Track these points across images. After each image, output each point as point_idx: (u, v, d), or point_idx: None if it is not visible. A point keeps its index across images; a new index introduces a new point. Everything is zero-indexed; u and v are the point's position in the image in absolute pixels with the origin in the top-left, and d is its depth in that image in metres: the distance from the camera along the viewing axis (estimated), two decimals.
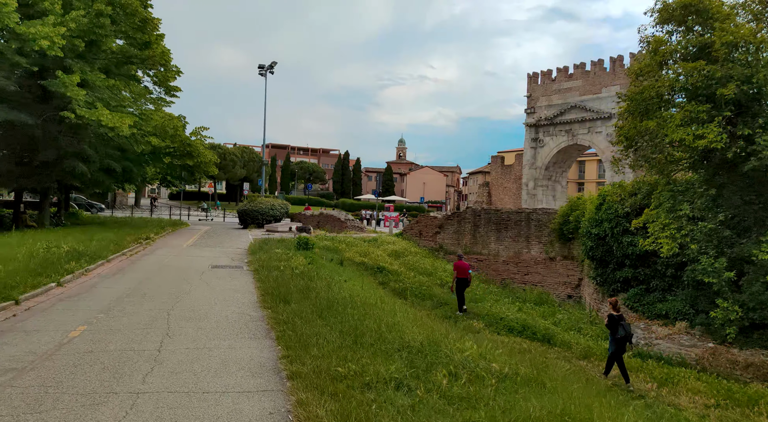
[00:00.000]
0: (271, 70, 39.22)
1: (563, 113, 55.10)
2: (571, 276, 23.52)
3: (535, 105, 57.62)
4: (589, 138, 53.80)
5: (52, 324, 9.45)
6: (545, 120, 56.18)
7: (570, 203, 24.02)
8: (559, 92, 56.21)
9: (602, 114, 51.97)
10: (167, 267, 17.24)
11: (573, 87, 55.16)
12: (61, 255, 16.04)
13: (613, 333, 13.20)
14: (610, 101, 51.98)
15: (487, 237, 26.46)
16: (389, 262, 24.70)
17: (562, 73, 56.27)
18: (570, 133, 54.88)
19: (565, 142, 55.29)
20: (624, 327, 13.12)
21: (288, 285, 13.88)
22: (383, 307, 13.12)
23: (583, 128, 53.89)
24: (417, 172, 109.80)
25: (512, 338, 17.96)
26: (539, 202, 56.09)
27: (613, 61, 52.35)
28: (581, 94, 54.36)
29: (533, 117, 57.51)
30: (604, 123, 52.38)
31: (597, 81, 53.49)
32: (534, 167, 57.25)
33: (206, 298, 12.65)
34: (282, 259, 18.83)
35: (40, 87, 26.70)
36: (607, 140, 52.28)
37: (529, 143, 57.64)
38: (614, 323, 13.15)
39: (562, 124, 55.24)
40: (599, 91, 53.06)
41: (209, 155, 31.66)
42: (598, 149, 53.59)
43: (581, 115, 53.75)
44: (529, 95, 58.36)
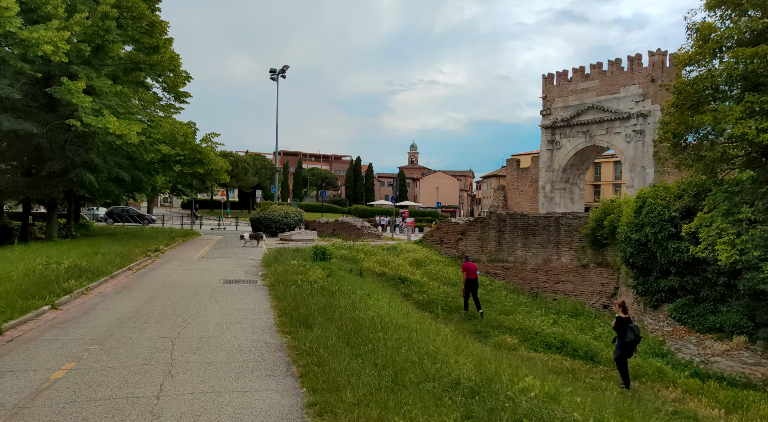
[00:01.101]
0: (282, 74, 37.76)
1: (580, 114, 53.33)
2: (607, 284, 21.74)
3: (551, 106, 55.86)
4: (607, 139, 51.97)
5: (34, 362, 7.88)
6: (561, 121, 54.41)
7: (603, 206, 22.25)
8: (575, 93, 54.44)
9: (621, 114, 50.15)
10: (175, 284, 15.69)
11: (590, 87, 53.38)
12: (61, 272, 14.53)
13: (622, 337, 12.72)
14: (629, 101, 50.23)
15: (514, 243, 24.72)
16: (411, 272, 23.06)
17: (578, 74, 54.52)
18: (587, 134, 53.09)
19: (583, 143, 53.49)
20: (633, 330, 12.66)
21: (308, 304, 12.27)
22: (416, 328, 11.47)
23: (601, 129, 52.09)
24: (430, 176, 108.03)
25: (551, 355, 16.25)
26: (557, 206, 54.27)
27: (630, 60, 50.55)
28: (598, 94, 52.57)
29: (549, 119, 55.75)
30: (623, 123, 50.56)
31: (614, 81, 51.68)
32: (551, 170, 55.44)
33: (217, 321, 11.06)
34: (299, 272, 17.26)
35: (46, 95, 25.43)
36: (626, 141, 50.49)
37: (546, 145, 55.86)
38: (623, 326, 12.67)
39: (579, 125, 53.47)
40: (617, 91, 51.24)
41: (220, 162, 30.18)
42: (617, 150, 51.73)
43: (599, 115, 51.95)
44: (545, 96, 56.60)
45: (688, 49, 15.75)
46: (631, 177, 50.25)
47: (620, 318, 12.88)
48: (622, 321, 12.81)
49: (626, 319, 12.85)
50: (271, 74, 38.04)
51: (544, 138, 56.09)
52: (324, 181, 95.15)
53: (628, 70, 50.76)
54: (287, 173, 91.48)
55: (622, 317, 12.85)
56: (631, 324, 12.83)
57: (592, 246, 22.46)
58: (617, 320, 12.92)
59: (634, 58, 50.44)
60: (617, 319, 12.94)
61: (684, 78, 16.01)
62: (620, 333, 12.85)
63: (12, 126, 23.44)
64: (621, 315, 12.90)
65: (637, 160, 49.61)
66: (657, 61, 48.90)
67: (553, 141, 55.50)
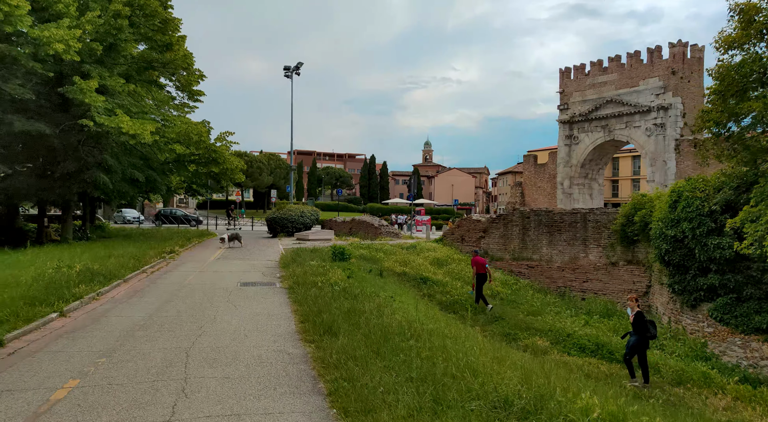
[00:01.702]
0: (297, 71, 36.97)
1: (598, 108, 51.97)
2: (638, 283, 20.68)
3: (569, 101, 54.56)
4: (626, 133, 50.57)
5: (35, 379, 7.09)
6: (579, 116, 53.09)
7: (633, 202, 21.17)
8: (593, 87, 53.11)
9: (640, 107, 48.73)
10: (190, 287, 14.92)
11: (608, 81, 52.02)
12: (72, 276, 13.82)
13: (644, 331, 12.42)
14: (649, 94, 48.81)
15: (538, 241, 23.70)
16: (432, 272, 22.14)
17: (596, 67, 53.16)
18: (606, 128, 51.72)
19: (602, 138, 52.13)
20: (653, 324, 12.56)
21: (330, 308, 11.42)
22: (448, 334, 10.58)
23: (620, 123, 50.70)
24: (445, 174, 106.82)
25: (586, 359, 15.26)
26: (575, 202, 52.99)
27: (650, 52, 49.12)
28: (617, 87, 51.19)
29: (567, 113, 54.45)
30: (643, 117, 49.14)
31: (634, 73, 50.27)
32: (569, 165, 54.16)
33: (234, 328, 10.24)
34: (318, 273, 16.43)
35: (59, 95, 24.85)
36: (646, 134, 49.11)
37: (563, 140, 54.58)
38: (642, 321, 12.38)
39: (598, 119, 52.12)
40: (636, 84, 49.83)
41: (235, 161, 29.46)
42: (637, 144, 50.34)
43: (618, 109, 50.56)
44: (562, 91, 55.32)
45: (729, 32, 14.65)
46: (652, 171, 48.89)
47: (640, 313, 12.58)
48: (642, 316, 12.50)
49: (643, 314, 12.64)
50: (285, 71, 37.27)
51: (561, 133, 54.81)
52: (338, 180, 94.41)
53: (648, 62, 49.33)
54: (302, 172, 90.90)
55: (641, 312, 12.59)
56: (646, 317, 12.58)
57: (622, 243, 21.39)
58: (637, 315, 12.55)
59: (654, 50, 49.00)
60: (637, 314, 12.57)
61: (726, 63, 14.87)
62: (640, 328, 12.46)
63: (24, 127, 22.90)
64: (639, 310, 12.66)
65: (657, 153, 48.21)
66: (678, 53, 47.46)
67: (571, 136, 54.21)
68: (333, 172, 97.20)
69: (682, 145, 46.65)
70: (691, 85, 47.69)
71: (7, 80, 22.56)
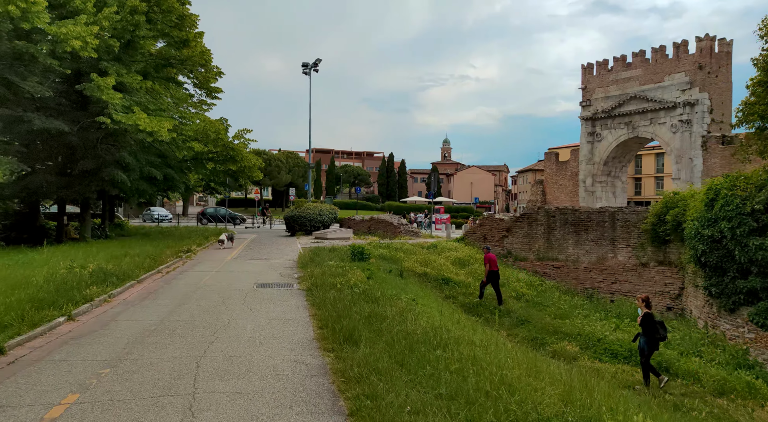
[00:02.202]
0: (315, 67, 36.36)
1: (622, 104, 50.65)
2: (670, 284, 19.69)
3: (591, 97, 53.28)
4: (651, 130, 49.20)
5: (31, 393, 6.50)
6: (602, 112, 51.81)
7: (665, 200, 20.18)
8: (616, 83, 51.77)
9: (665, 103, 47.33)
10: (206, 288, 14.34)
11: (632, 76, 50.66)
12: (84, 277, 13.31)
13: (652, 333, 12.12)
14: (674, 90, 47.40)
15: (564, 240, 22.78)
16: (454, 272, 21.37)
17: (620, 63, 51.82)
18: (630, 125, 50.39)
19: (625, 135, 50.80)
20: (662, 325, 12.25)
21: (350, 313, 10.73)
22: (476, 341, 9.84)
23: (645, 119, 49.34)
24: (464, 171, 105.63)
25: (618, 366, 14.40)
26: (598, 200, 51.74)
27: (676, 46, 47.66)
28: (641, 83, 49.82)
29: (589, 110, 53.18)
30: (668, 113, 47.74)
31: (659, 69, 48.86)
32: (591, 163, 52.90)
33: (249, 334, 9.60)
34: (337, 274, 15.76)
35: (77, 93, 24.53)
36: (671, 131, 47.70)
37: (586, 137, 53.32)
38: (651, 321, 12.12)
39: (621, 116, 50.80)
40: (661, 79, 48.43)
41: (253, 159, 28.93)
42: (662, 141, 48.93)
43: (642, 105, 49.21)
44: (584, 87, 54.03)
45: None
46: (677, 169, 47.45)
47: (648, 314, 12.32)
48: (650, 317, 12.25)
49: (652, 315, 12.38)
50: (303, 68, 36.68)
51: (584, 130, 53.55)
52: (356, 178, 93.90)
53: (674, 57, 47.88)
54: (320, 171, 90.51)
55: (649, 312, 12.33)
56: (656, 319, 12.35)
57: (653, 243, 20.40)
58: (645, 316, 12.31)
59: (680, 45, 47.54)
60: (644, 316, 12.32)
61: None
62: (648, 330, 12.21)
63: (43, 125, 22.60)
64: (648, 311, 12.36)
65: (683, 150, 46.78)
66: (705, 47, 45.97)
67: (593, 133, 52.93)
68: (351, 170, 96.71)
69: (709, 141, 45.19)
70: (719, 80, 46.20)
71: (25, 78, 22.27)
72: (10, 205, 30.16)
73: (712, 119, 46.06)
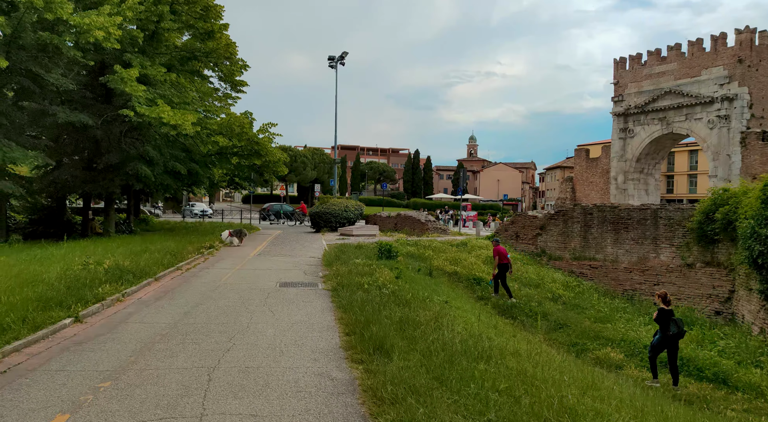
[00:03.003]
0: (341, 61, 35.37)
1: (656, 100, 48.59)
2: (719, 287, 18.22)
3: (624, 92, 51.30)
4: (686, 125, 47.07)
5: (14, 413, 5.55)
6: (635, 108, 49.82)
7: (713, 197, 18.70)
8: (650, 77, 49.71)
9: (702, 98, 45.20)
10: (226, 287, 13.42)
11: (667, 71, 48.55)
12: (99, 274, 12.50)
13: (665, 330, 11.66)
14: (712, 84, 45.25)
15: (602, 239, 21.39)
16: (486, 272, 20.15)
17: (654, 57, 49.72)
18: (664, 121, 48.32)
19: (659, 131, 48.75)
20: (677, 323, 11.66)
21: (379, 317, 9.67)
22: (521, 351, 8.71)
23: (680, 115, 47.22)
24: (490, 169, 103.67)
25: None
26: (630, 198, 49.80)
27: (714, 39, 45.46)
28: (676, 78, 47.68)
29: (621, 105, 51.22)
30: (705, 108, 45.57)
31: (695, 63, 46.69)
32: (623, 160, 50.96)
33: (269, 341, 8.61)
34: (364, 273, 14.73)
35: (101, 86, 23.98)
36: (708, 127, 45.59)
37: (618, 134, 51.37)
38: (666, 318, 11.67)
39: (655, 111, 48.75)
40: (698, 73, 46.26)
41: (278, 154, 28.04)
42: (698, 137, 46.81)
43: (677, 100, 47.10)
44: (616, 82, 52.07)
45: None
46: (715, 166, 45.30)
47: (662, 310, 11.84)
48: (664, 312, 11.78)
49: (669, 311, 11.85)
50: (329, 62, 35.71)
51: (615, 126, 51.61)
52: (382, 175, 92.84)
53: (711, 50, 45.67)
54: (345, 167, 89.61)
55: (665, 309, 11.84)
56: (673, 316, 11.84)
57: (699, 243, 18.93)
58: (659, 312, 11.90)
59: (718, 38, 45.32)
60: (659, 311, 11.91)
61: None
62: (662, 326, 11.79)
63: (68, 118, 22.07)
64: (663, 307, 11.87)
65: (721, 147, 44.62)
66: (745, 40, 43.73)
67: (625, 129, 50.96)
68: (376, 166, 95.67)
69: (749, 138, 43.00)
70: (759, 74, 43.94)
71: (49, 70, 21.75)
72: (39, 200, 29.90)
73: (752, 114, 43.85)
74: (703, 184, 65.53)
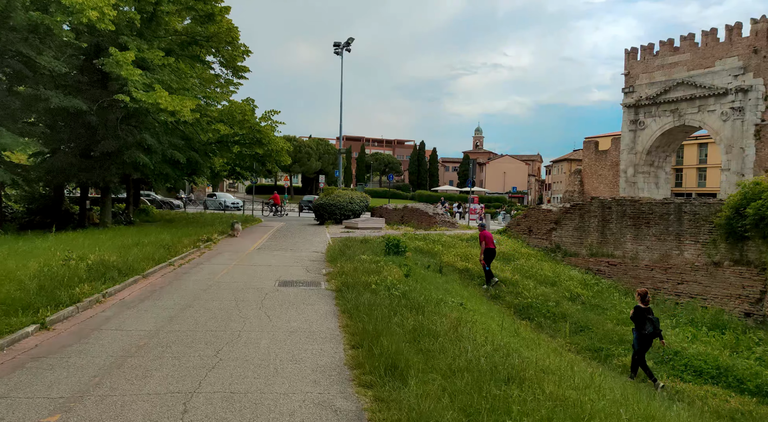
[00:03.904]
0: (347, 47, 33.87)
1: (668, 91, 46.89)
2: (749, 287, 16.81)
3: (634, 83, 49.60)
4: (699, 118, 45.38)
5: None
6: (646, 99, 48.13)
7: (743, 191, 17.27)
8: (662, 68, 47.97)
9: (716, 90, 43.49)
10: (219, 286, 12.09)
11: (679, 61, 46.80)
12: (80, 270, 11.19)
13: (639, 328, 11.36)
14: (726, 75, 43.50)
15: (621, 235, 19.97)
16: (499, 268, 18.79)
17: (666, 47, 47.95)
18: (676, 113, 46.63)
19: (670, 123, 47.09)
20: (652, 321, 11.26)
21: (390, 326, 8.34)
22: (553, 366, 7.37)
23: (692, 107, 45.53)
24: (496, 161, 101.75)
25: (706, 388, 11.70)
26: (640, 191, 48.28)
27: (728, 29, 43.67)
28: (689, 69, 45.94)
29: (632, 97, 49.53)
30: (718, 100, 43.85)
31: (709, 53, 44.93)
32: (633, 152, 49.35)
33: (262, 354, 7.28)
34: (371, 271, 13.39)
35: (97, 70, 22.69)
36: (721, 119, 43.92)
37: (628, 126, 49.72)
38: (641, 316, 11.33)
39: (667, 103, 47.05)
40: (712, 64, 44.51)
41: (281, 142, 26.63)
42: (711, 130, 45.14)
43: (690, 92, 45.39)
44: (627, 73, 50.36)
45: None
46: (728, 159, 43.67)
47: (639, 307, 11.45)
48: (640, 310, 11.37)
49: (645, 309, 11.41)
50: (335, 48, 34.18)
51: (626, 117, 49.95)
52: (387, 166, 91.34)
53: (726, 40, 43.89)
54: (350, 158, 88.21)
55: (641, 307, 11.42)
56: (650, 315, 11.41)
57: (728, 240, 17.51)
58: (635, 310, 11.51)
59: (733, 28, 43.53)
60: (635, 309, 11.53)
61: None
62: (638, 324, 11.41)
63: (61, 103, 20.79)
64: (640, 305, 11.48)
65: (734, 140, 42.97)
66: (761, 29, 41.94)
67: (636, 121, 49.30)
68: (382, 158, 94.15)
69: (764, 130, 41.37)
70: None
71: (41, 52, 20.43)
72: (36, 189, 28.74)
73: (767, 106, 42.19)
74: (713, 178, 63.88)
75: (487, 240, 17.10)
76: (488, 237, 17.30)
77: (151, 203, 41.65)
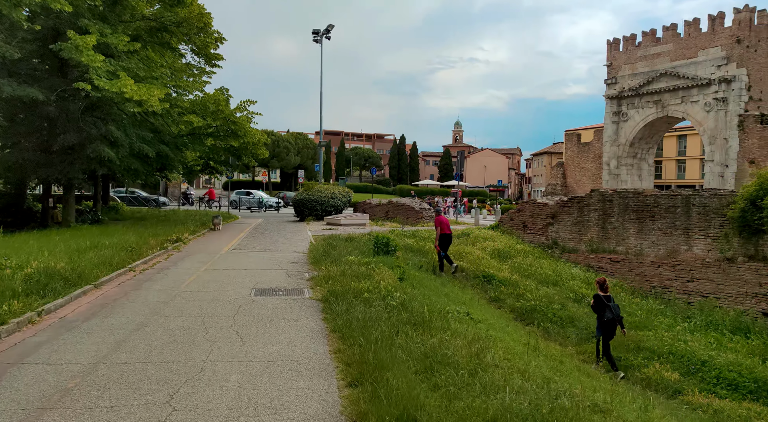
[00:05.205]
0: (327, 35, 31.86)
1: (651, 82, 45.86)
2: (766, 285, 15.38)
3: (617, 75, 48.49)
4: (682, 108, 44.41)
5: None
6: (629, 90, 47.06)
7: (759, 181, 15.81)
8: (644, 59, 46.91)
9: (699, 80, 42.51)
10: (185, 297, 10.14)
11: (662, 52, 45.76)
12: (15, 282, 9.16)
13: (600, 316, 11.18)
14: (709, 65, 42.53)
15: (624, 229, 18.44)
16: (496, 267, 17.13)
17: (649, 38, 46.90)
18: (659, 104, 45.64)
19: (654, 114, 46.07)
20: (612, 309, 11.11)
21: (393, 350, 6.54)
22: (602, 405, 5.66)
23: (676, 98, 44.54)
24: (477, 154, 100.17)
25: (745, 405, 10.14)
26: (623, 183, 47.26)
27: (711, 19, 42.70)
28: (672, 59, 44.93)
29: (615, 88, 48.42)
30: (702, 90, 42.89)
31: (692, 43, 43.93)
32: (616, 144, 48.28)
33: (231, 400, 5.40)
34: (361, 275, 11.56)
35: (55, 57, 20.44)
36: (704, 110, 42.96)
37: (611, 117, 48.63)
38: (601, 305, 11.17)
39: (650, 94, 46.03)
40: (695, 54, 43.52)
41: (257, 134, 24.55)
42: (694, 121, 44.20)
43: (673, 83, 44.38)
44: (609, 64, 49.23)
45: None
46: (711, 150, 42.77)
47: (598, 296, 11.29)
48: (600, 299, 11.20)
49: (605, 297, 11.24)
50: (314, 35, 32.11)
51: (608, 109, 48.83)
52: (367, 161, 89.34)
53: (709, 30, 42.89)
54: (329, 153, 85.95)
55: (601, 295, 11.25)
56: (610, 302, 11.22)
57: (741, 234, 16.06)
58: (595, 299, 11.35)
59: (716, 17, 42.56)
60: (595, 298, 11.38)
61: None
62: (599, 313, 11.24)
63: (14, 92, 18.59)
64: (600, 293, 11.32)
65: (718, 131, 42.05)
66: (744, 19, 40.99)
67: (619, 112, 48.20)
68: (361, 152, 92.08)
69: (747, 121, 40.45)
70: (758, 55, 41.31)
71: None
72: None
73: (750, 97, 41.31)
74: (692, 170, 63.31)
75: (443, 226, 16.05)
76: (444, 222, 16.30)
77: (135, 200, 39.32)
